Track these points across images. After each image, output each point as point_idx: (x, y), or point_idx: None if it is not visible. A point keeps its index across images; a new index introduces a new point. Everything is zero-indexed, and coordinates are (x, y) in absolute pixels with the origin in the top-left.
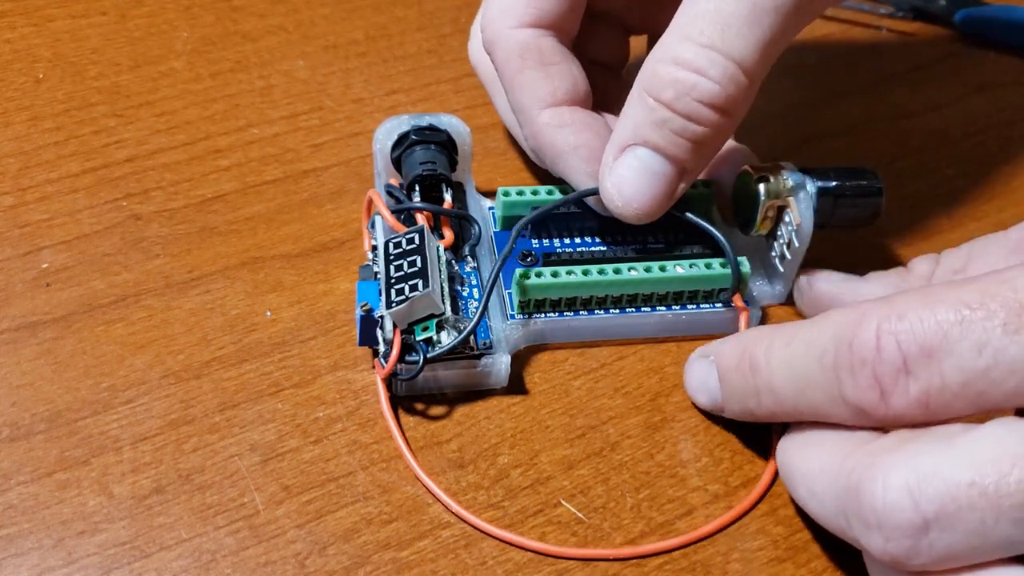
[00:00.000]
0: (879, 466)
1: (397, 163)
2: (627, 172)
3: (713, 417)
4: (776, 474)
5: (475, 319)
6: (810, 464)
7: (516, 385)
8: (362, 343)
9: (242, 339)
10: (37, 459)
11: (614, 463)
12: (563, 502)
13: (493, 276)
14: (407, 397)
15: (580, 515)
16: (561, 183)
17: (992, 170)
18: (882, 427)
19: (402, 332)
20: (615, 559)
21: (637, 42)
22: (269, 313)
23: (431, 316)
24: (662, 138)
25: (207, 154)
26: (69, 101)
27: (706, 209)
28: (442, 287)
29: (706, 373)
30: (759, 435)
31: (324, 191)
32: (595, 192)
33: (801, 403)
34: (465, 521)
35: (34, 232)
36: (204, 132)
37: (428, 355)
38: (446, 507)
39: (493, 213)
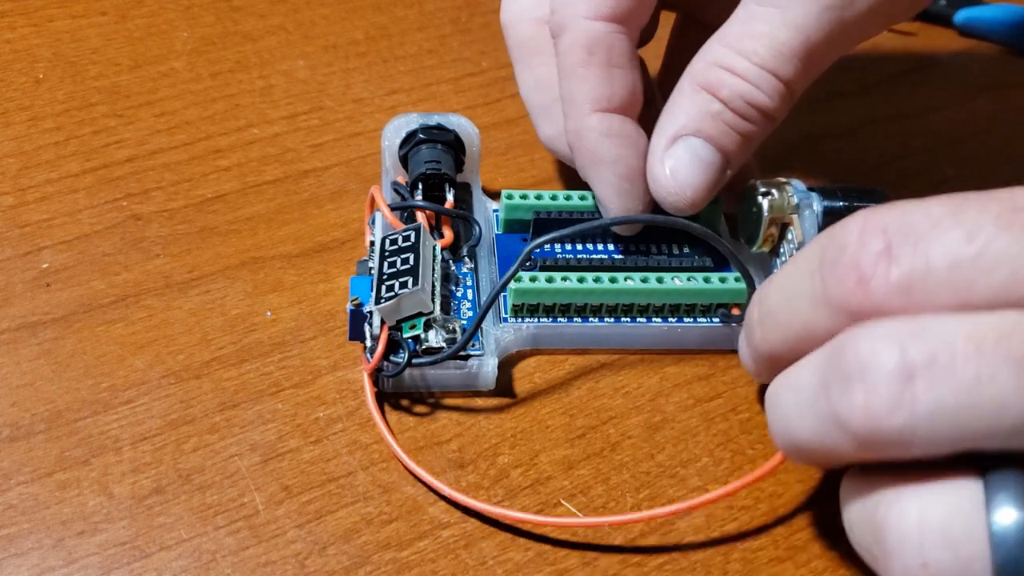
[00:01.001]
0: (868, 324)
1: (404, 161)
2: (679, 161)
3: (713, 417)
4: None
5: (469, 332)
6: (792, 372)
7: (516, 385)
8: (352, 338)
9: (242, 339)
10: (37, 459)
11: (614, 463)
12: (563, 502)
13: (493, 294)
14: (395, 394)
15: (580, 515)
16: (570, 187)
17: (993, 170)
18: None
19: (390, 329)
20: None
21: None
22: (269, 313)
23: (419, 314)
24: (715, 129)
25: (207, 154)
26: (69, 101)
27: (713, 223)
28: (434, 286)
29: None
30: (760, 436)
31: (324, 191)
32: (619, 222)
33: (790, 320)
34: (467, 508)
35: (34, 232)
36: (204, 132)
37: (414, 354)
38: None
39: (496, 215)
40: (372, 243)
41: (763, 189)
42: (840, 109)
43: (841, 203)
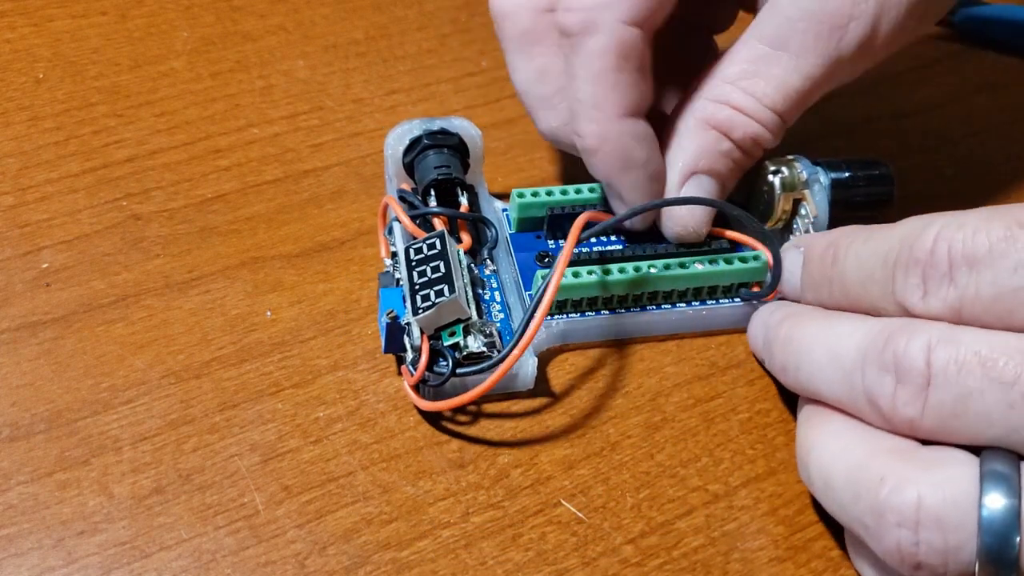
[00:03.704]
0: (914, 325)
1: (409, 168)
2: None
3: (713, 417)
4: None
5: (518, 334)
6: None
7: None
8: (387, 350)
9: (242, 339)
10: (37, 459)
11: (614, 463)
12: (563, 502)
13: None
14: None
15: (580, 515)
16: (573, 176)
17: (992, 170)
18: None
19: (430, 338)
20: None
21: None
22: (269, 313)
23: (458, 321)
24: (724, 167)
25: (207, 154)
26: (69, 101)
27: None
28: (466, 291)
29: (796, 262)
30: (760, 436)
31: (324, 191)
32: (643, 210)
33: (862, 296)
34: None
35: (34, 232)
36: (204, 132)
37: (458, 362)
38: None
39: (507, 215)
40: (395, 254)
41: (772, 168)
42: (840, 109)
43: (846, 173)
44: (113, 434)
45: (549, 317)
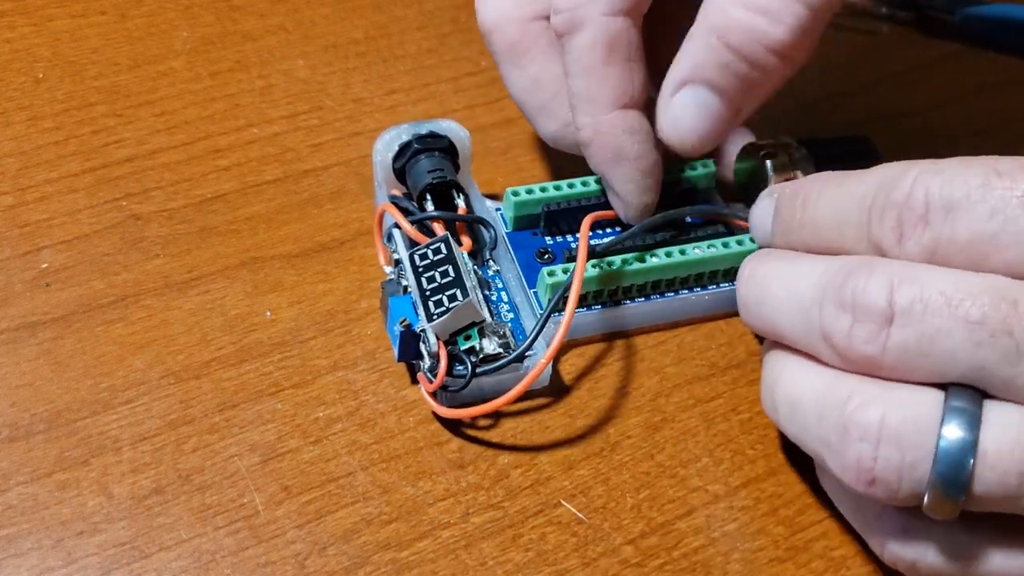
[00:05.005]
0: (873, 263)
1: (399, 173)
2: (684, 110)
3: (713, 417)
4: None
5: (535, 331)
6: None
7: None
8: (402, 359)
9: (242, 339)
10: (37, 459)
11: (614, 463)
12: (563, 502)
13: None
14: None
15: (580, 515)
16: (574, 175)
17: None
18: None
19: (446, 344)
20: None
21: None
22: (269, 313)
23: (472, 324)
24: (723, 79)
25: (207, 154)
26: (69, 101)
27: (707, 188)
28: (476, 293)
29: (768, 208)
30: (760, 436)
31: (324, 191)
32: (651, 226)
33: (834, 239)
34: None
35: (34, 232)
36: (204, 132)
37: (476, 365)
38: None
39: (501, 214)
40: (397, 261)
41: (764, 150)
42: (840, 109)
43: (834, 150)
44: (113, 434)
45: (556, 313)
